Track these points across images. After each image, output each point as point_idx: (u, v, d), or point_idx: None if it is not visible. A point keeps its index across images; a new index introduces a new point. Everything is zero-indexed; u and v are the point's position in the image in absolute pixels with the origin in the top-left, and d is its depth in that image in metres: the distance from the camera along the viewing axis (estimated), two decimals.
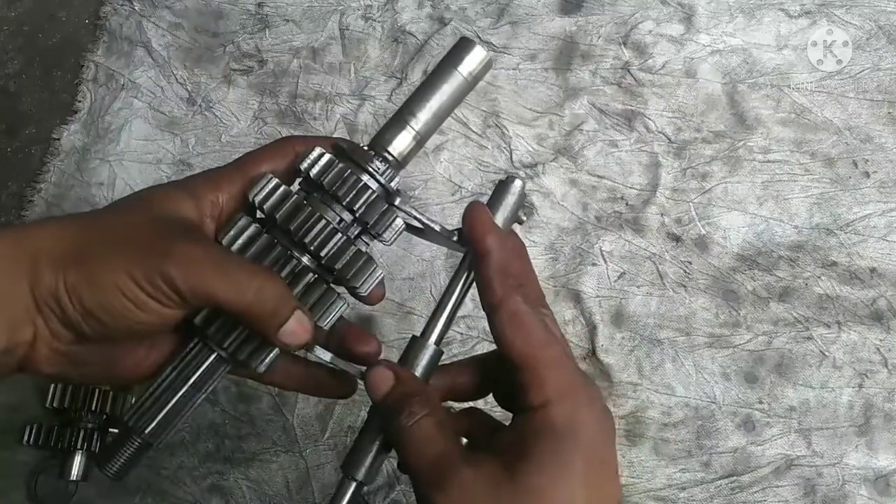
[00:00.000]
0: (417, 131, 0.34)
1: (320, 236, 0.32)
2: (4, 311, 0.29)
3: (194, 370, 0.32)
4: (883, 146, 0.59)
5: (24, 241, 0.30)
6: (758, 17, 0.62)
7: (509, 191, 0.34)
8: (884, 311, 0.56)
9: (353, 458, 0.32)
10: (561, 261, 0.57)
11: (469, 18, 0.63)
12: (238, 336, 0.32)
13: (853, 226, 0.57)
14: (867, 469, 0.52)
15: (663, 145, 0.59)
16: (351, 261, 0.32)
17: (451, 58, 0.34)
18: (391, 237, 0.33)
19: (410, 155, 0.34)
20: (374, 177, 0.33)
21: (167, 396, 0.32)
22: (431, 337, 0.33)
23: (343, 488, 0.32)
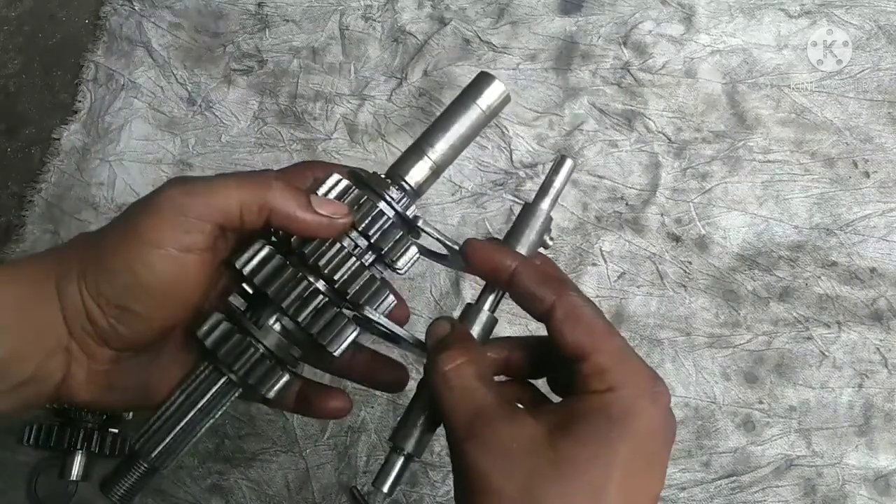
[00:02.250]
0: (434, 161, 0.34)
1: (334, 260, 0.32)
2: (35, 335, 0.29)
3: (203, 394, 0.32)
4: (883, 146, 0.59)
5: (44, 265, 0.30)
6: (758, 17, 0.62)
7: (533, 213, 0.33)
8: (884, 311, 0.56)
9: (401, 430, 0.32)
10: (561, 261, 0.57)
11: (469, 18, 0.63)
12: (249, 358, 0.32)
13: (853, 226, 0.57)
14: (867, 469, 0.52)
15: (663, 145, 0.59)
16: (364, 286, 0.32)
17: (470, 91, 0.34)
18: (405, 266, 0.33)
19: (427, 184, 0.35)
20: (390, 204, 0.33)
21: (175, 421, 0.32)
22: (485, 304, 0.33)
23: (392, 460, 0.31)
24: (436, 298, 0.57)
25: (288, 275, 0.32)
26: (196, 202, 0.29)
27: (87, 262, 0.30)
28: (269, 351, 0.32)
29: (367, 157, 0.60)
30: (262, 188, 0.30)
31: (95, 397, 0.31)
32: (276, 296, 0.31)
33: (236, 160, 0.60)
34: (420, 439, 0.31)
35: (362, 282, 0.32)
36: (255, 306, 0.33)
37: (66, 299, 0.29)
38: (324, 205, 0.31)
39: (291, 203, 0.30)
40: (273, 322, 0.32)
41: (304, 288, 0.32)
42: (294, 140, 0.60)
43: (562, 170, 0.34)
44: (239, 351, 0.32)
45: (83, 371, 0.30)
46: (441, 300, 0.57)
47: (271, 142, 0.60)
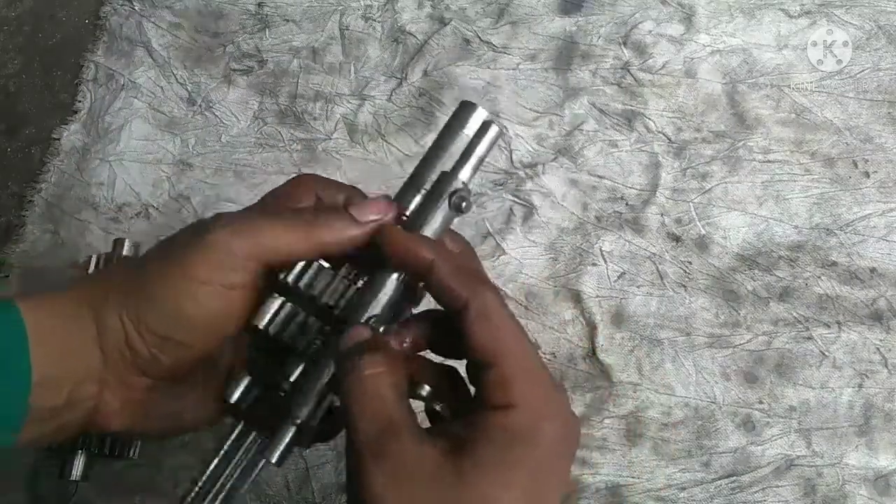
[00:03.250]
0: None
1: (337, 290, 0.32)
2: (68, 363, 0.29)
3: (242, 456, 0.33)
4: (883, 146, 0.59)
5: (80, 295, 0.30)
6: (758, 18, 0.62)
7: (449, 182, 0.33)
8: (884, 311, 0.56)
9: (296, 400, 0.31)
10: (561, 261, 0.57)
11: (469, 18, 0.63)
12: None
13: (853, 226, 0.57)
14: (867, 469, 0.52)
15: (663, 145, 0.60)
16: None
17: (456, 120, 0.35)
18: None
19: None
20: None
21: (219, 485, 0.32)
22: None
23: (283, 430, 0.31)
24: None
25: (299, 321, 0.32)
26: (244, 243, 0.30)
27: (130, 291, 0.30)
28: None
29: (367, 157, 0.60)
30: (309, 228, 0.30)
31: (129, 425, 0.31)
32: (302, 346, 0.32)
33: (236, 160, 0.60)
34: (314, 410, 0.31)
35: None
36: (281, 361, 0.33)
37: (105, 327, 0.29)
38: (367, 209, 0.31)
39: (341, 229, 0.31)
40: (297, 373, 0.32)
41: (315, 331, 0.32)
42: (294, 140, 0.61)
43: (484, 137, 0.34)
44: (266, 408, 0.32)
45: (118, 400, 0.30)
46: None
47: (271, 142, 0.60)
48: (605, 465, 0.53)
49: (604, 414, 0.54)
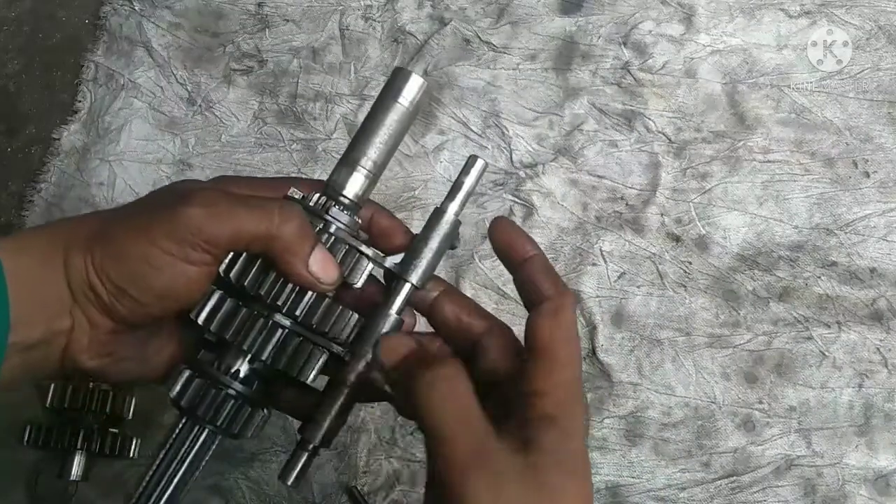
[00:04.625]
0: (369, 170, 0.34)
1: (292, 295, 0.32)
2: (42, 301, 0.30)
3: (189, 451, 0.33)
4: (883, 146, 0.59)
5: (54, 235, 0.31)
6: (758, 17, 0.62)
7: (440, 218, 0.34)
8: (884, 311, 0.56)
9: (311, 425, 0.33)
10: (561, 261, 0.57)
11: (469, 18, 0.63)
12: (227, 410, 0.32)
13: (853, 226, 0.57)
14: (867, 469, 0.52)
15: (663, 145, 0.59)
16: (324, 315, 0.32)
17: (389, 90, 0.34)
18: (358, 278, 0.34)
19: (367, 193, 0.35)
20: (334, 223, 0.34)
21: (168, 481, 0.33)
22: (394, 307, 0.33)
23: (298, 455, 0.33)
24: None
25: (243, 315, 0.32)
26: (212, 226, 0.30)
27: (96, 241, 0.31)
28: (244, 396, 0.33)
29: None
30: (276, 228, 0.31)
31: (98, 366, 0.32)
32: (238, 340, 0.32)
33: (236, 160, 0.60)
34: (327, 433, 0.33)
35: (324, 310, 0.32)
36: (222, 354, 0.34)
37: (72, 269, 0.31)
38: (322, 265, 0.32)
39: (296, 253, 0.31)
40: (241, 365, 0.33)
41: (262, 326, 0.32)
42: (294, 140, 0.61)
43: (472, 170, 0.34)
44: (217, 405, 0.32)
45: (86, 337, 0.31)
46: None
47: (271, 142, 0.60)
48: (605, 465, 0.53)
49: (604, 414, 0.54)
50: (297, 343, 0.33)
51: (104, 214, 0.33)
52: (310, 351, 0.33)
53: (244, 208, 0.31)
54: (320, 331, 0.33)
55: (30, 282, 0.30)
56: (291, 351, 0.32)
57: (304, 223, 0.32)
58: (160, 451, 0.33)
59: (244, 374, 0.33)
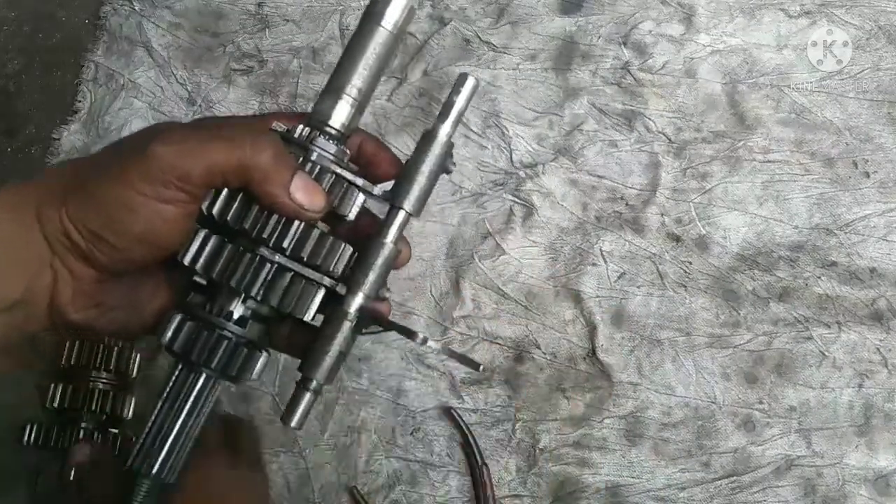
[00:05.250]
0: (354, 98, 0.32)
1: (279, 227, 0.30)
2: (18, 258, 0.30)
3: (186, 399, 0.32)
4: (883, 146, 0.59)
5: (24, 191, 0.31)
6: (758, 17, 0.62)
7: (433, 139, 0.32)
8: (884, 311, 0.56)
9: (310, 360, 0.31)
10: (561, 261, 0.57)
11: (469, 18, 0.63)
12: (223, 351, 0.31)
13: (853, 226, 0.57)
14: (867, 469, 0.52)
15: (663, 145, 0.59)
16: (317, 245, 0.31)
17: (372, 14, 0.32)
18: (350, 210, 0.32)
19: (354, 122, 0.33)
20: (318, 153, 0.32)
21: (167, 431, 0.31)
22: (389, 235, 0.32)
23: (300, 394, 0.31)
24: (436, 298, 0.57)
25: (229, 253, 0.31)
26: (183, 163, 0.29)
27: (69, 190, 0.30)
28: (240, 337, 0.32)
29: None
30: (250, 157, 0.30)
31: (85, 318, 0.32)
32: (226, 278, 0.30)
33: None
34: (329, 370, 0.31)
35: (314, 241, 0.31)
36: (213, 296, 0.32)
37: (46, 222, 0.30)
38: (305, 191, 0.30)
39: (274, 181, 0.30)
40: (235, 306, 0.32)
41: (250, 262, 0.30)
42: None
43: (462, 89, 0.32)
44: (210, 347, 0.31)
45: (69, 289, 0.31)
46: (441, 300, 0.57)
47: None
48: (605, 465, 0.53)
49: (604, 414, 0.54)
50: (290, 279, 0.31)
51: (77, 163, 0.32)
52: (303, 287, 0.31)
53: (216, 141, 0.30)
54: (313, 264, 0.31)
55: (3, 241, 0.30)
56: (286, 287, 0.31)
57: (280, 150, 0.30)
58: (157, 401, 0.32)
59: (238, 314, 0.32)
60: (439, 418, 0.54)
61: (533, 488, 0.53)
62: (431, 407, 0.54)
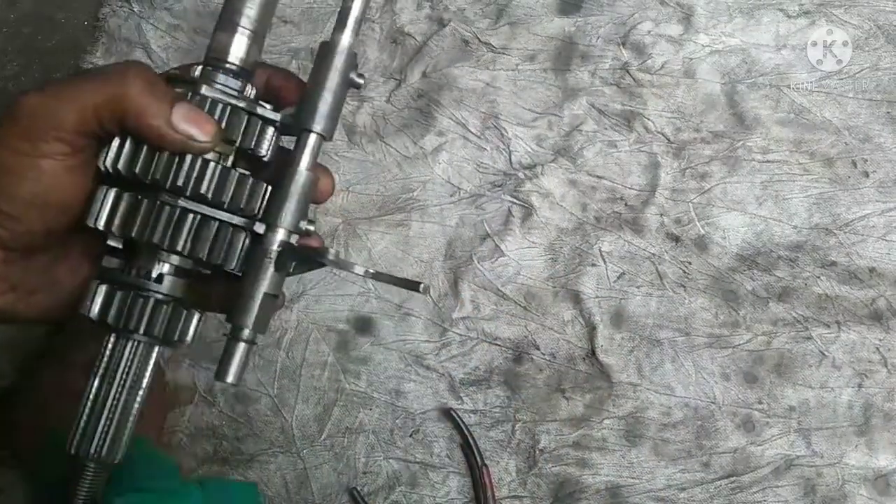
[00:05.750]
0: (251, 30, 0.30)
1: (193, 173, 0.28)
2: None
3: (116, 368, 0.30)
4: (882, 146, 0.59)
5: None
6: (756, 18, 0.62)
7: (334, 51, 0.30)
8: (883, 310, 0.56)
9: (239, 309, 0.29)
10: (560, 261, 0.57)
11: (468, 19, 0.63)
12: (151, 314, 0.29)
13: (852, 225, 0.57)
14: (867, 469, 0.52)
15: (662, 145, 0.59)
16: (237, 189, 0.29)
17: None
18: (263, 147, 0.30)
19: (252, 55, 0.31)
20: (216, 88, 0.30)
21: (108, 409, 0.29)
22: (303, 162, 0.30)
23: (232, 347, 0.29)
24: (434, 300, 0.57)
25: (145, 208, 0.29)
26: (51, 108, 0.27)
27: None
28: (165, 295, 0.30)
29: (366, 159, 0.60)
30: (117, 88, 0.27)
31: (6, 303, 0.30)
32: (144, 236, 0.28)
33: None
34: (260, 315, 0.29)
35: (234, 186, 0.29)
36: (133, 257, 0.30)
37: None
38: (189, 119, 0.28)
39: (152, 113, 0.28)
40: (157, 264, 0.30)
41: (170, 215, 0.28)
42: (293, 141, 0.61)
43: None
44: (139, 311, 0.29)
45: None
46: (440, 301, 0.57)
47: None
48: (605, 465, 0.53)
49: (603, 414, 0.54)
50: (216, 228, 0.29)
51: None
52: (231, 234, 0.29)
53: (82, 81, 0.28)
54: (236, 209, 0.29)
55: None
56: (212, 238, 0.29)
57: (153, 81, 0.28)
58: (92, 378, 0.30)
59: (161, 272, 0.30)
60: (439, 419, 0.54)
61: (533, 489, 0.53)
62: (431, 408, 0.54)
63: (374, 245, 0.58)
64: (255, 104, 0.30)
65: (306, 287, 0.57)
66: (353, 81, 0.30)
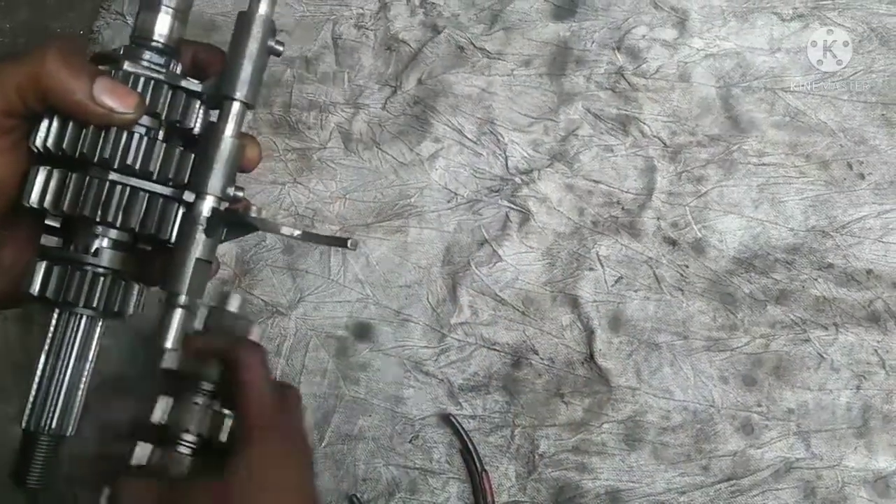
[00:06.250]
0: (175, 8, 0.32)
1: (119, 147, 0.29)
2: None
3: (61, 342, 0.30)
4: (877, 148, 0.59)
5: None
6: (750, 21, 0.63)
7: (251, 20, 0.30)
8: (881, 312, 0.56)
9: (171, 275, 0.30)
10: (558, 266, 0.57)
11: (462, 25, 0.63)
12: (93, 286, 0.30)
13: (849, 228, 0.58)
14: (866, 471, 0.52)
15: (658, 149, 0.60)
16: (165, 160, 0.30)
17: None
18: (194, 121, 0.31)
19: (177, 33, 0.32)
20: (139, 63, 0.30)
21: (52, 382, 0.30)
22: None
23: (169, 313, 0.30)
24: (432, 305, 0.57)
25: (76, 184, 0.29)
26: None
27: None
28: (110, 269, 0.31)
29: (363, 166, 0.60)
30: (35, 67, 0.28)
31: None
32: (77, 211, 0.29)
33: None
34: (192, 281, 0.30)
35: (161, 156, 0.29)
36: (71, 234, 0.31)
37: None
38: (111, 92, 0.28)
39: (72, 88, 0.28)
40: (97, 239, 0.30)
41: (99, 188, 0.29)
42: (289, 150, 0.61)
43: None
44: (79, 284, 0.30)
45: None
46: (438, 307, 0.57)
47: (266, 152, 0.61)
48: (605, 470, 0.53)
49: (602, 419, 0.54)
50: (146, 199, 0.30)
51: None
52: (161, 205, 0.30)
53: (1, 64, 0.28)
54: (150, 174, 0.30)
55: None
56: (142, 208, 0.30)
57: (72, 57, 0.28)
58: (40, 355, 0.30)
59: (99, 246, 0.30)
60: (438, 425, 0.54)
61: (533, 494, 0.53)
62: (430, 414, 0.54)
63: (372, 252, 0.58)
64: (179, 78, 0.31)
65: (304, 294, 0.57)
66: (272, 49, 0.31)
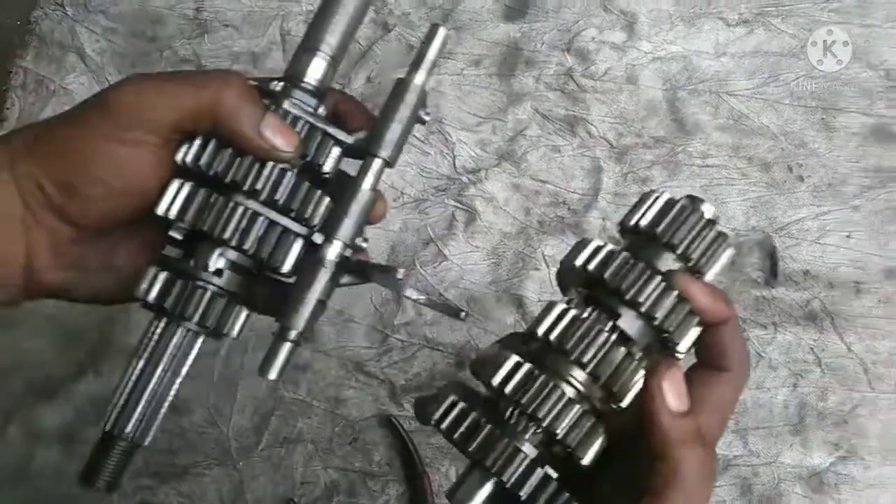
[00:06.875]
0: (329, 55, 0.33)
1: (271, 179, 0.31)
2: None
3: (163, 353, 0.31)
4: (816, 151, 0.60)
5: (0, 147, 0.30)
6: (697, 26, 0.64)
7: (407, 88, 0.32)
8: (817, 311, 0.57)
9: (290, 311, 0.31)
10: (503, 266, 0.57)
11: (413, 24, 0.63)
12: (200, 302, 0.31)
13: (787, 229, 0.59)
14: (801, 467, 0.53)
15: (605, 150, 0.60)
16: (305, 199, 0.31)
17: None
18: (332, 166, 0.32)
19: (328, 79, 0.34)
20: (292, 103, 0.32)
21: (141, 389, 0.31)
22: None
23: (278, 345, 0.31)
24: (376, 305, 0.56)
25: (220, 205, 0.30)
26: (149, 104, 0.29)
27: (40, 138, 0.30)
28: (221, 289, 0.31)
29: None
30: (217, 94, 0.30)
31: (63, 280, 0.31)
32: (216, 231, 0.30)
33: None
34: (308, 318, 0.31)
35: (303, 196, 0.31)
36: (191, 249, 0.32)
37: (20, 176, 0.30)
38: (276, 130, 0.31)
39: (244, 121, 0.30)
40: (216, 258, 0.31)
41: (243, 214, 0.30)
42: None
43: (435, 39, 0.33)
44: (186, 297, 0.30)
45: (45, 250, 0.30)
46: (381, 307, 0.56)
47: None
48: None
49: None
50: (267, 225, 0.31)
51: (47, 120, 0.32)
52: (280, 234, 0.31)
53: (180, 81, 0.30)
54: (289, 210, 0.31)
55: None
56: (262, 235, 0.31)
57: (249, 90, 0.31)
58: (135, 360, 0.31)
59: (216, 265, 0.31)
60: (378, 427, 0.54)
61: None
62: (370, 416, 0.54)
63: None
64: (328, 124, 0.33)
65: None
66: (420, 118, 0.33)
